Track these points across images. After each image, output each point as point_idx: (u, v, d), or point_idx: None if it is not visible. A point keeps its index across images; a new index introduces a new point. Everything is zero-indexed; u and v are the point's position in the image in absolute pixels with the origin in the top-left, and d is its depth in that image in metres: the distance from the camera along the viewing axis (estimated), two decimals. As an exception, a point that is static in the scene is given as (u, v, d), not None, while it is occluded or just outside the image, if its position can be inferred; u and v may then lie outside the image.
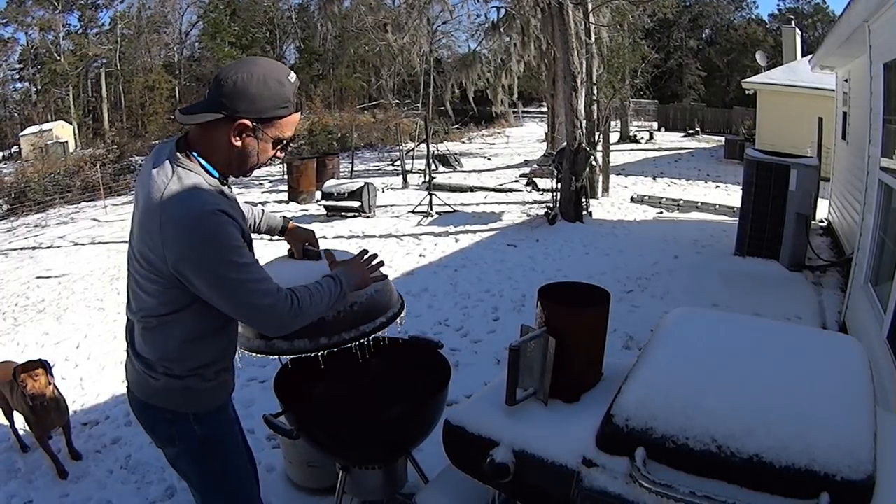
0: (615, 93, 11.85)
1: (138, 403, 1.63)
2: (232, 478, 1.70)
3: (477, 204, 10.44)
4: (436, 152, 14.25)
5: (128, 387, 1.67)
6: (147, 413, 1.62)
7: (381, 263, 1.83)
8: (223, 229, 1.40)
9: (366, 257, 1.82)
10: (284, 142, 1.55)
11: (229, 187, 1.59)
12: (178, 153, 1.48)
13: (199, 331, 1.55)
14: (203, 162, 1.50)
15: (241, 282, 1.43)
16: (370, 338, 1.85)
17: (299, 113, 1.55)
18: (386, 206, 10.38)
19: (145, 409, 1.62)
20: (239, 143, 1.48)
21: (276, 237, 2.01)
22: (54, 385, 3.03)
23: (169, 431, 1.61)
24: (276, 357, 2.33)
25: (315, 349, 1.82)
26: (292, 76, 1.50)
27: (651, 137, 20.89)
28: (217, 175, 1.52)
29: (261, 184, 13.65)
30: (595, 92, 10.13)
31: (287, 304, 1.50)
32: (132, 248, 1.52)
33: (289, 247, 1.97)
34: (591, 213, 8.97)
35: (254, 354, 1.86)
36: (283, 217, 1.99)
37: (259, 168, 1.60)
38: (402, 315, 1.96)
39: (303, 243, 1.95)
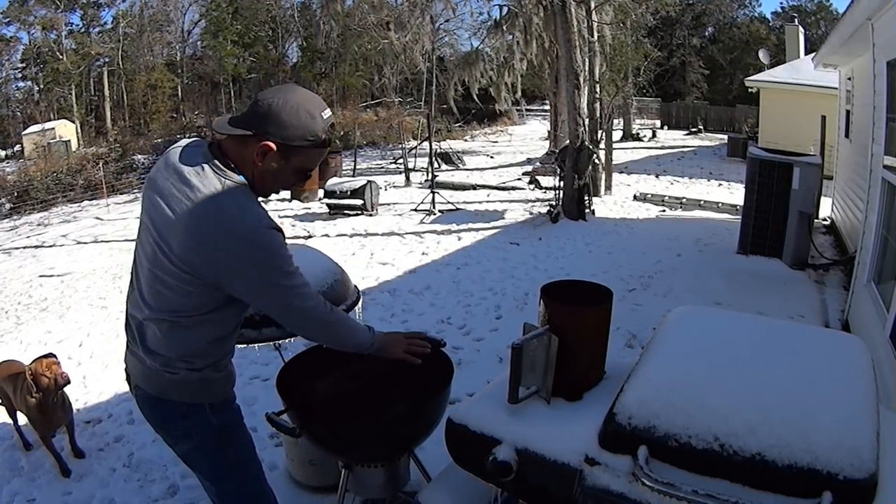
0: (618, 91, 11.83)
1: (149, 399, 1.61)
2: (247, 465, 1.72)
3: (479, 202, 10.44)
4: (438, 150, 14.25)
5: (135, 384, 1.65)
6: (160, 408, 1.61)
7: (427, 348, 1.81)
8: (280, 246, 1.49)
9: (416, 338, 1.82)
10: (306, 173, 1.58)
11: None
12: (219, 163, 1.50)
13: (229, 329, 1.62)
14: (243, 178, 1.52)
15: (289, 287, 1.51)
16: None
17: (326, 148, 1.56)
18: (388, 204, 10.38)
19: (158, 404, 1.61)
20: (260, 164, 1.51)
21: None
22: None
23: (184, 425, 1.61)
24: (276, 352, 2.38)
25: (282, 336, 1.94)
26: (327, 112, 1.53)
27: (654, 136, 20.87)
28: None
29: (263, 182, 13.65)
30: (598, 90, 10.12)
31: (326, 308, 1.59)
32: (159, 248, 1.49)
33: None
34: (593, 211, 8.97)
35: None
36: None
37: (276, 193, 1.64)
38: (358, 304, 2.08)
39: None
